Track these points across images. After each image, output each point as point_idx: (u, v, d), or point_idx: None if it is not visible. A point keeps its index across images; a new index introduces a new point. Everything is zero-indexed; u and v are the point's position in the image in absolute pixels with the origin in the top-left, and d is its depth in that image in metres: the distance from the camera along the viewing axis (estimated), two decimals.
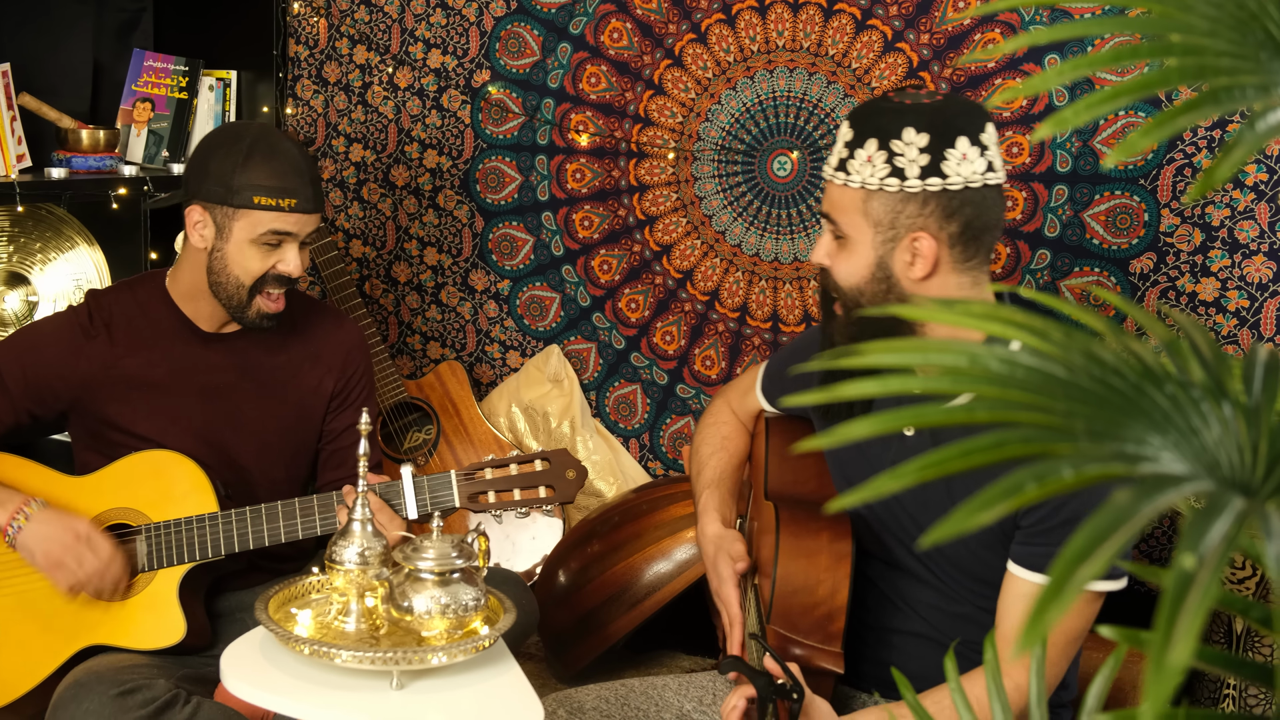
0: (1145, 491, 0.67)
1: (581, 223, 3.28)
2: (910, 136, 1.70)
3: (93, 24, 3.37)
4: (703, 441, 2.19)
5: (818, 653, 1.73)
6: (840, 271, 1.79)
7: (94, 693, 2.01)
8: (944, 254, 1.73)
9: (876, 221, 1.74)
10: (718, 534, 1.98)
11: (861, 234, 1.75)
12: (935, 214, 1.71)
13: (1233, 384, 0.84)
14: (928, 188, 1.70)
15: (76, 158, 3.07)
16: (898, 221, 1.72)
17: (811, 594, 1.75)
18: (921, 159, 1.69)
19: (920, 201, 1.71)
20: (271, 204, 2.25)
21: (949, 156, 1.69)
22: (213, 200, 2.28)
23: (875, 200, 1.73)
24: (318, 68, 3.48)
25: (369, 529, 1.79)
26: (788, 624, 1.75)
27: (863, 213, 1.74)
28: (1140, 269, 2.79)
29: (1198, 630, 0.59)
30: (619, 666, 2.99)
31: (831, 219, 1.79)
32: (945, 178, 1.69)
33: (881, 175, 1.71)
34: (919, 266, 1.73)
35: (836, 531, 1.80)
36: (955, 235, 1.72)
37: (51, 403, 2.33)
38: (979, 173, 1.71)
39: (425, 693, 1.66)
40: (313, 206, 2.29)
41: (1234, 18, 0.88)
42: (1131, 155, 0.75)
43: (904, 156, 1.70)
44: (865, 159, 1.72)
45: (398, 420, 3.29)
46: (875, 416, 0.74)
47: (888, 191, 1.72)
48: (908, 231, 1.72)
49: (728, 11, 3.05)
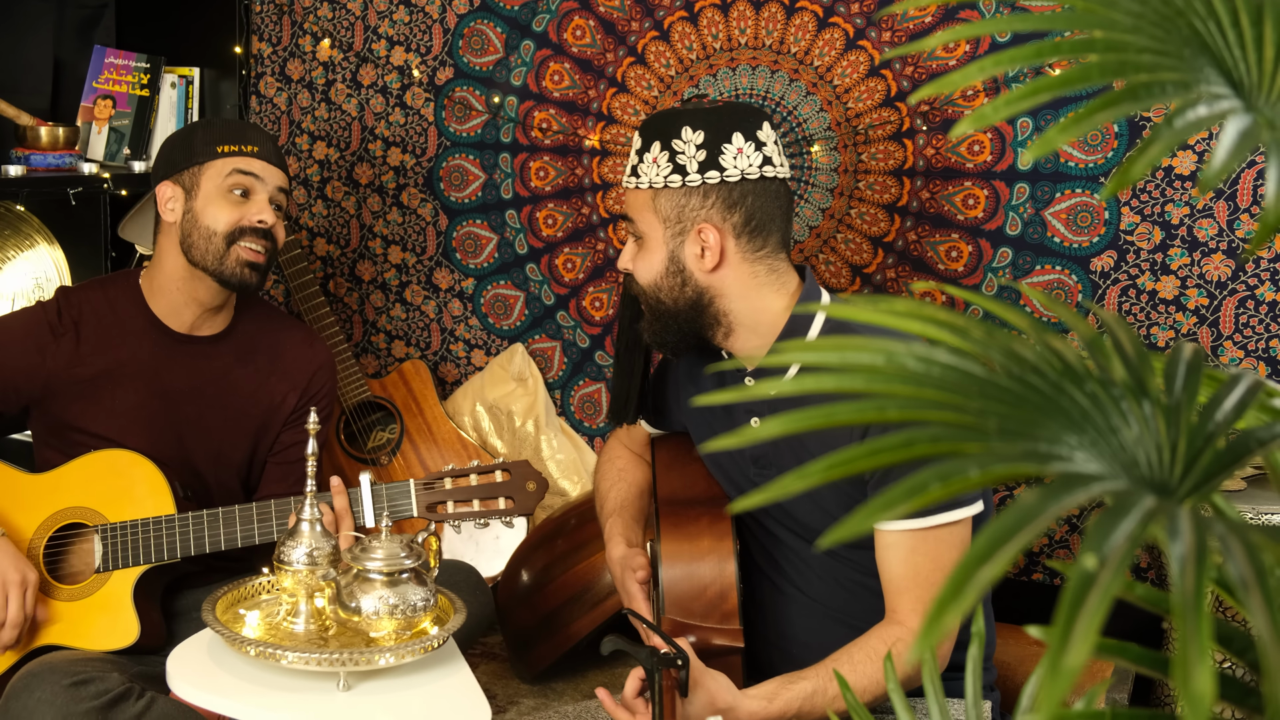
0: (1052, 491, 0.67)
1: (545, 221, 3.27)
2: (688, 135, 1.85)
3: (54, 21, 3.35)
4: (601, 477, 2.29)
5: (715, 632, 1.77)
6: (640, 270, 1.93)
7: (46, 683, 2.00)
8: (730, 244, 1.87)
9: (665, 218, 1.88)
10: (622, 555, 2.04)
11: (654, 231, 1.90)
12: (717, 206, 1.86)
13: (1154, 382, 0.83)
14: (707, 180, 1.85)
15: (35, 155, 3.04)
16: (684, 215, 1.87)
17: (699, 577, 1.81)
18: (699, 155, 1.84)
19: (702, 195, 1.86)
20: (234, 149, 2.31)
21: (725, 151, 1.84)
22: (177, 169, 2.32)
23: (662, 197, 1.88)
24: (281, 65, 3.46)
25: (318, 529, 1.77)
26: (682, 610, 1.78)
27: (653, 210, 1.89)
28: (1101, 267, 2.80)
29: (1096, 631, 0.59)
30: (582, 667, 2.98)
31: (630, 220, 1.93)
32: (723, 170, 1.84)
33: (665, 173, 1.87)
34: (708, 258, 1.87)
35: (715, 514, 1.88)
36: (739, 226, 1.86)
37: (14, 399, 2.32)
38: (756, 165, 1.86)
39: (373, 694, 1.65)
40: (276, 160, 2.34)
41: (1158, 14, 0.88)
42: (1047, 150, 0.75)
43: (684, 154, 1.85)
44: (651, 160, 1.88)
45: (361, 420, 3.27)
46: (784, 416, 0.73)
47: (672, 188, 1.87)
48: (693, 225, 1.87)
49: (690, 9, 3.04)
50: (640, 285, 1.94)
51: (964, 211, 2.88)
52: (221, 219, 2.28)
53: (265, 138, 2.35)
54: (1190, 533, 0.65)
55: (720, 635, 1.80)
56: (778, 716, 1.69)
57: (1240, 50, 0.88)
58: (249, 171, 2.29)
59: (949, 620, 0.59)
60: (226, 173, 2.29)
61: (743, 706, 1.68)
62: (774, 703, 1.70)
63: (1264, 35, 0.88)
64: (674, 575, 1.83)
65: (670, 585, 1.83)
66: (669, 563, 1.84)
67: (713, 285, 1.88)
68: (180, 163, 2.32)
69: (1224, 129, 0.80)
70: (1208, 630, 0.58)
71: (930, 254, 2.91)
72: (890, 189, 2.93)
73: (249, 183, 2.30)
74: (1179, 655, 0.57)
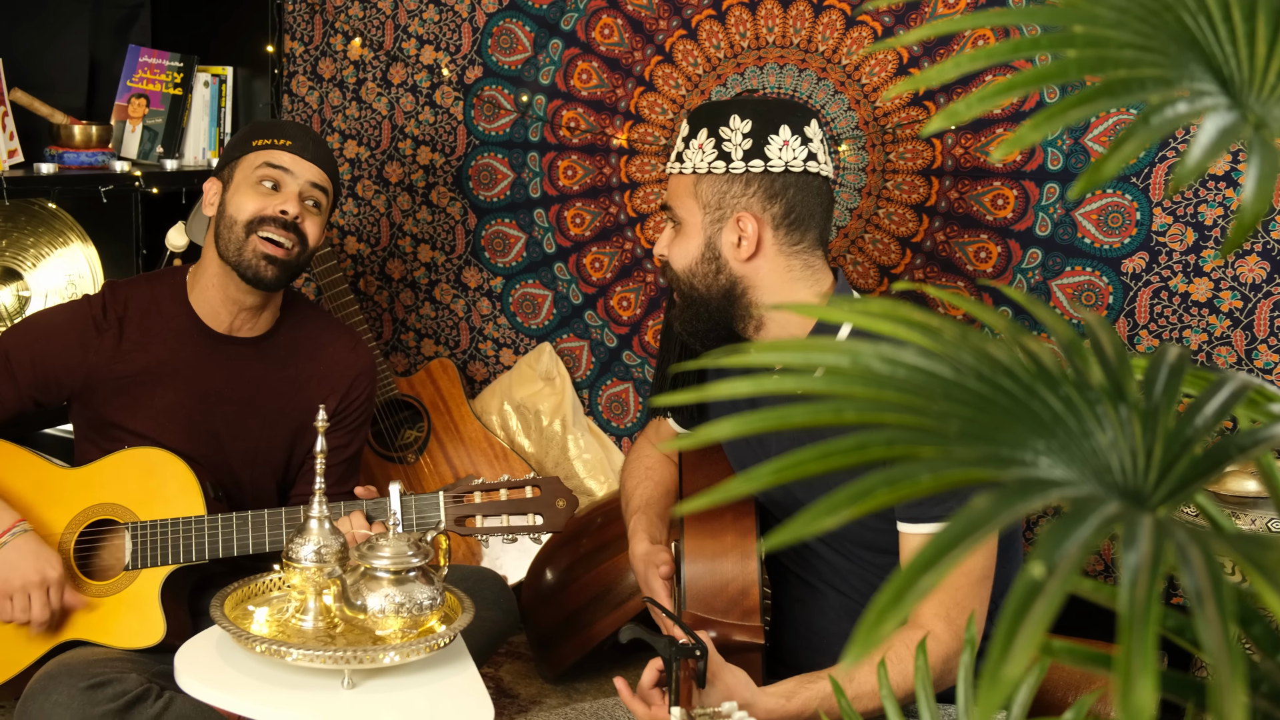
0: (1005, 497, 0.65)
1: (573, 220, 3.26)
2: (735, 123, 1.85)
3: (89, 21, 3.38)
4: (628, 475, 2.28)
5: (736, 628, 1.75)
6: (675, 256, 1.92)
7: (63, 685, 2.01)
8: (768, 235, 1.86)
9: (705, 203, 1.88)
10: (645, 551, 2.03)
11: (693, 216, 1.89)
12: (758, 195, 1.85)
13: (1133, 386, 0.81)
14: (750, 169, 1.84)
15: (69, 153, 3.07)
16: (724, 202, 1.87)
17: (721, 573, 1.80)
18: (745, 143, 1.84)
19: (744, 183, 1.85)
20: (266, 143, 2.33)
21: (771, 141, 1.84)
22: (221, 167, 2.38)
23: (704, 183, 1.88)
24: (313, 64, 3.47)
25: (326, 527, 1.77)
26: (703, 605, 1.77)
27: (693, 195, 1.89)
28: (1132, 268, 2.76)
29: (1037, 643, 0.57)
30: (606, 667, 2.97)
31: (668, 207, 1.93)
32: (767, 160, 1.84)
33: (710, 159, 1.86)
34: (745, 246, 1.86)
35: (740, 511, 1.87)
36: (778, 217, 1.86)
37: (56, 391, 2.35)
38: (800, 160, 1.85)
39: (377, 692, 1.65)
40: (310, 155, 2.34)
41: (1145, 9, 0.86)
42: (1020, 148, 0.73)
43: (730, 141, 1.85)
44: (697, 146, 1.88)
45: (389, 418, 3.28)
46: (738, 418, 0.72)
47: (715, 174, 1.87)
48: (733, 212, 1.86)
49: (718, 7, 3.03)
50: (674, 271, 1.94)
51: (993, 212, 2.85)
52: (245, 208, 2.29)
53: (304, 135, 2.37)
54: (1148, 541, 0.63)
55: (741, 632, 1.79)
56: (795, 715, 1.68)
57: (1231, 46, 0.86)
58: (278, 165, 2.31)
59: (887, 628, 0.58)
60: (257, 165, 2.31)
61: (760, 703, 1.67)
62: (791, 701, 1.69)
63: (1256, 31, 0.85)
64: (696, 571, 1.83)
65: (692, 581, 1.83)
66: (692, 558, 1.84)
67: (746, 275, 1.88)
68: (225, 159, 2.38)
69: (1201, 126, 0.78)
70: (1153, 642, 0.56)
71: (959, 255, 2.88)
72: (918, 189, 2.90)
73: (278, 175, 2.31)
74: (1121, 666, 0.56)
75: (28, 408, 2.35)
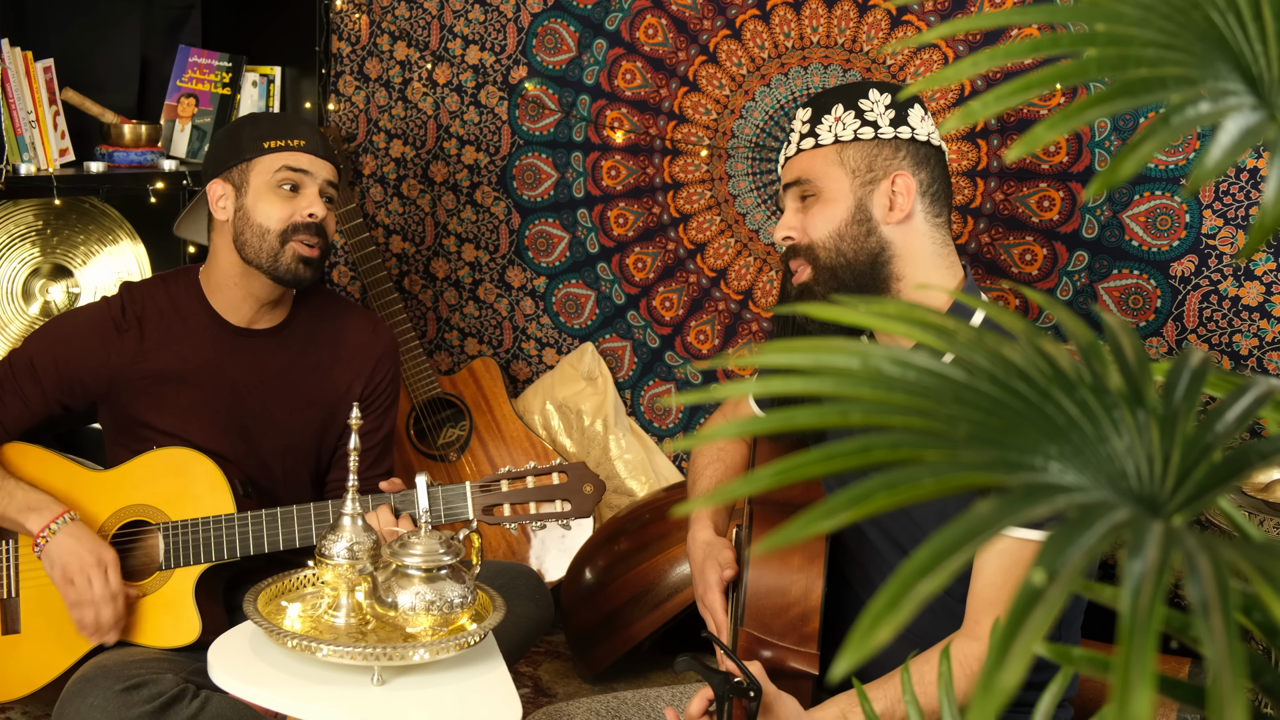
0: (1009, 502, 0.64)
1: (616, 220, 3.26)
2: (875, 96, 1.83)
3: (141, 21, 3.42)
4: (699, 454, 2.21)
5: (792, 654, 1.71)
6: (814, 226, 1.85)
7: (99, 688, 2.03)
8: (918, 201, 1.83)
9: (854, 169, 1.83)
10: (707, 540, 1.97)
11: (838, 184, 1.83)
12: (909, 160, 1.82)
13: (1153, 391, 0.80)
14: (899, 134, 1.82)
15: (118, 152, 3.11)
16: (875, 164, 1.82)
17: (784, 594, 1.74)
18: (889, 113, 1.82)
19: (894, 147, 1.82)
20: (280, 144, 2.30)
21: (911, 114, 1.83)
22: (226, 166, 2.32)
23: (850, 150, 1.82)
24: (359, 64, 3.50)
25: (359, 523, 1.78)
26: (761, 626, 1.73)
27: (839, 163, 1.83)
28: (1181, 271, 2.72)
29: (1030, 652, 0.56)
30: (644, 668, 2.97)
31: (801, 182, 1.86)
32: (913, 129, 1.82)
33: (855, 128, 1.82)
34: (898, 208, 1.81)
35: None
36: (925, 184, 1.83)
37: (81, 394, 2.36)
38: (936, 136, 1.85)
39: (407, 689, 1.65)
40: (323, 152, 2.32)
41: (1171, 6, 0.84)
42: (1035, 148, 0.72)
43: (873, 111, 1.82)
44: (834, 119, 1.83)
45: (431, 416, 3.29)
46: (743, 421, 0.71)
47: (862, 140, 1.82)
48: (886, 174, 1.82)
49: (762, 7, 3.02)
50: (812, 242, 1.85)
51: (1039, 214, 2.81)
52: (274, 216, 2.28)
53: (311, 130, 2.35)
54: (1155, 549, 0.62)
55: (796, 658, 1.74)
56: None
57: (1261, 45, 0.84)
58: (297, 167, 2.29)
59: (880, 635, 0.57)
60: (275, 169, 2.28)
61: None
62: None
63: None
64: (759, 589, 1.77)
65: (754, 599, 1.77)
66: (757, 573, 1.77)
67: (896, 241, 1.82)
68: (229, 160, 2.32)
69: (1223, 125, 0.76)
70: (1153, 651, 0.55)
71: (1004, 257, 2.85)
72: (963, 190, 2.87)
73: (298, 178, 2.29)
74: (1119, 674, 0.54)
75: (55, 412, 2.36)
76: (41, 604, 2.29)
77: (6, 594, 2.29)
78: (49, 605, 2.28)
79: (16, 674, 2.27)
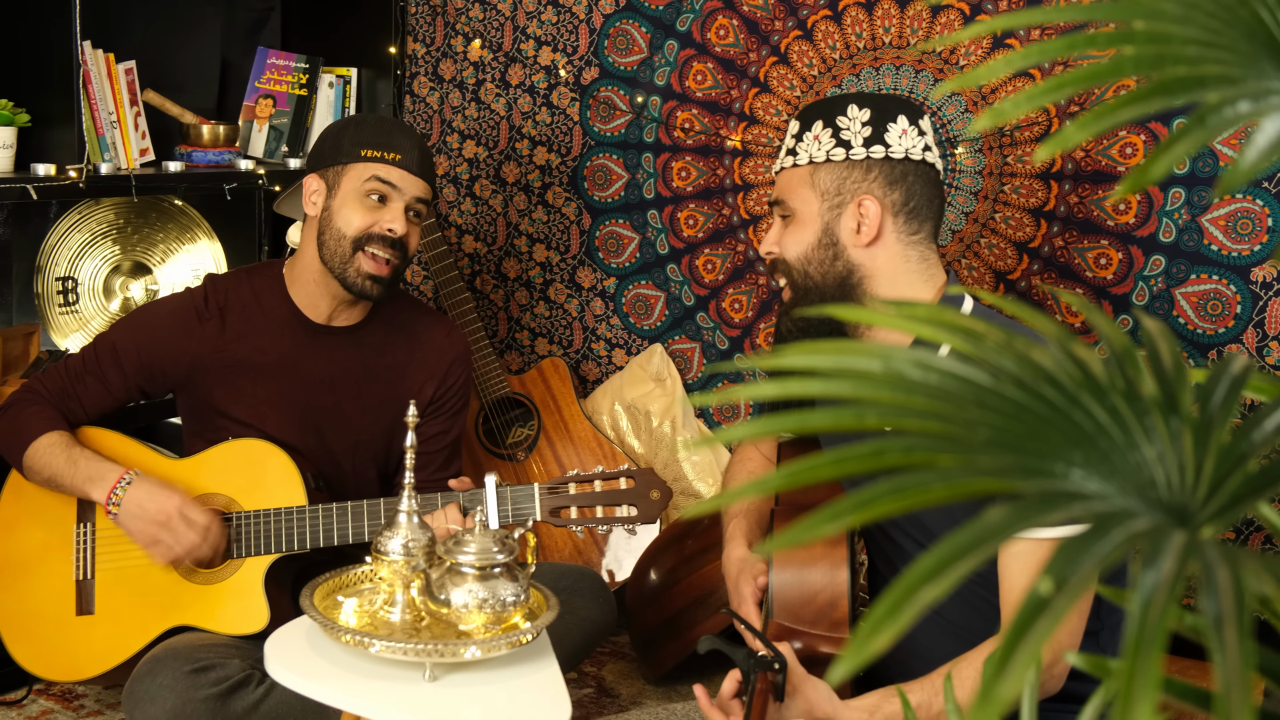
0: (1021, 509, 0.62)
1: (686, 221, 3.26)
2: (854, 112, 1.85)
3: (221, 23, 3.49)
4: (731, 478, 2.27)
5: (823, 640, 1.71)
6: (789, 245, 1.89)
7: (169, 668, 2.08)
8: (888, 221, 1.84)
9: (823, 191, 1.86)
10: (741, 556, 2.00)
11: (809, 206, 1.87)
12: (879, 181, 1.84)
13: (1188, 398, 0.78)
14: (871, 154, 1.83)
15: (196, 152, 3.17)
16: (844, 188, 1.85)
17: (809, 582, 1.76)
18: (864, 130, 1.83)
19: (864, 168, 1.84)
20: (376, 155, 2.32)
21: (890, 129, 1.83)
22: (325, 164, 2.36)
23: (822, 171, 1.86)
24: (434, 65, 3.53)
25: (415, 520, 1.80)
26: (790, 615, 1.74)
27: (810, 185, 1.87)
28: (1263, 277, 2.65)
29: (1033, 662, 0.55)
30: (709, 671, 2.96)
31: (779, 201, 1.91)
32: (888, 146, 1.83)
33: (828, 148, 1.85)
34: (864, 231, 1.84)
35: None
36: (898, 204, 1.84)
37: (161, 381, 2.42)
38: (919, 149, 1.84)
39: (459, 686, 1.66)
40: (418, 170, 2.34)
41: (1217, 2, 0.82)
42: (1064, 149, 0.70)
43: (848, 130, 1.84)
44: (813, 138, 1.86)
45: (500, 416, 3.31)
46: (759, 420, 0.70)
47: (834, 161, 1.85)
48: (853, 197, 1.84)
49: (834, 7, 2.99)
50: (787, 262, 1.90)
51: (1114, 217, 2.76)
52: (353, 223, 2.31)
53: (412, 145, 2.35)
54: (1171, 561, 0.60)
55: (828, 644, 1.76)
56: None
57: None
58: (387, 180, 2.31)
59: (880, 641, 0.56)
60: (365, 178, 2.31)
61: (843, 717, 1.64)
62: (875, 716, 1.65)
63: None
64: (784, 580, 1.80)
65: (780, 590, 1.80)
66: (780, 566, 1.81)
67: (864, 263, 1.85)
68: (328, 158, 2.36)
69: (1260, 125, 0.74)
70: (1159, 663, 0.54)
71: (1078, 261, 2.80)
72: (1037, 192, 2.83)
73: (386, 190, 2.31)
74: (1123, 685, 0.53)
75: (134, 397, 2.43)
76: (116, 587, 2.34)
77: (83, 575, 2.35)
78: (123, 588, 2.33)
79: (89, 654, 2.33)
